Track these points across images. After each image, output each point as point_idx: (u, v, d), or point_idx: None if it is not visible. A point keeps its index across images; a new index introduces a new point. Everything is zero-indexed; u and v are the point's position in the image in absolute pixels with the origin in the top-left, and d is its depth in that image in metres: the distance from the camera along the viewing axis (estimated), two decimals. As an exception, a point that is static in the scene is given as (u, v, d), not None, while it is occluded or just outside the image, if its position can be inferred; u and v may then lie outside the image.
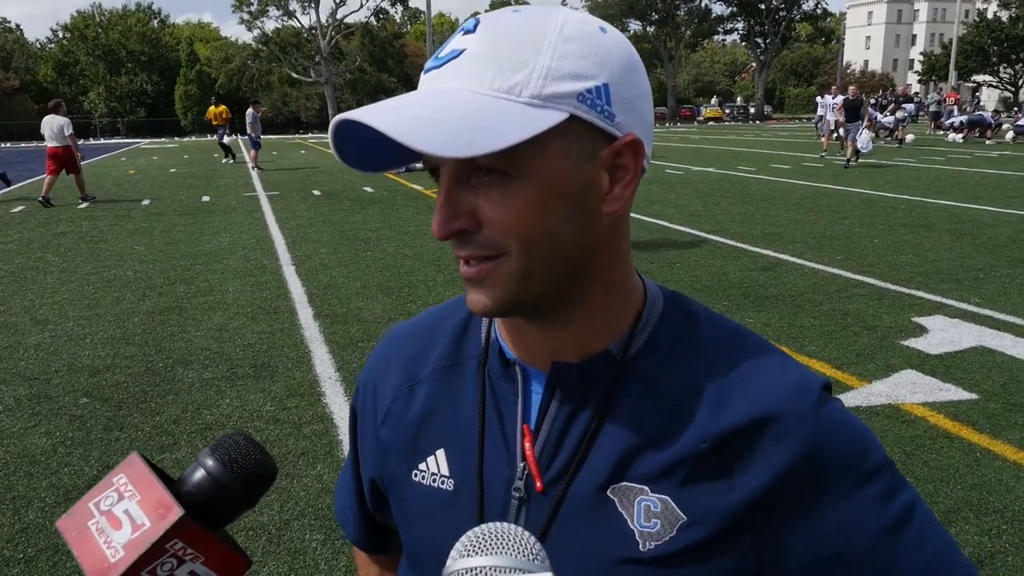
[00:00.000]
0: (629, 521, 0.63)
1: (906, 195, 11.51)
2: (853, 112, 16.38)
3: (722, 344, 0.67)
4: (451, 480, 0.70)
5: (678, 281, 6.49)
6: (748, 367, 0.65)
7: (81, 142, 18.32)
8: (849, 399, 3.93)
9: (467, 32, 0.59)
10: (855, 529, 0.62)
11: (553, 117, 0.56)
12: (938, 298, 5.76)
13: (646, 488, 0.63)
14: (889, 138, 24.15)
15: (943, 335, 4.90)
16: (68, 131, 12.48)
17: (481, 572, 0.49)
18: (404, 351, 0.79)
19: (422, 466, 0.73)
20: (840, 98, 18.49)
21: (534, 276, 0.60)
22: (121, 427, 3.77)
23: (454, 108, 0.55)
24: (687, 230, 8.96)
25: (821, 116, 23.31)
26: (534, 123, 0.55)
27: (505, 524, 0.53)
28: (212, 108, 22.05)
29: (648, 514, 0.63)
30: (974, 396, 3.94)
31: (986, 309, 5.45)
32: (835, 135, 19.05)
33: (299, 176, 17.27)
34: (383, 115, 0.54)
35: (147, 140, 45.59)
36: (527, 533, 0.53)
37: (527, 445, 0.67)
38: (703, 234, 8.66)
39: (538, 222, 0.58)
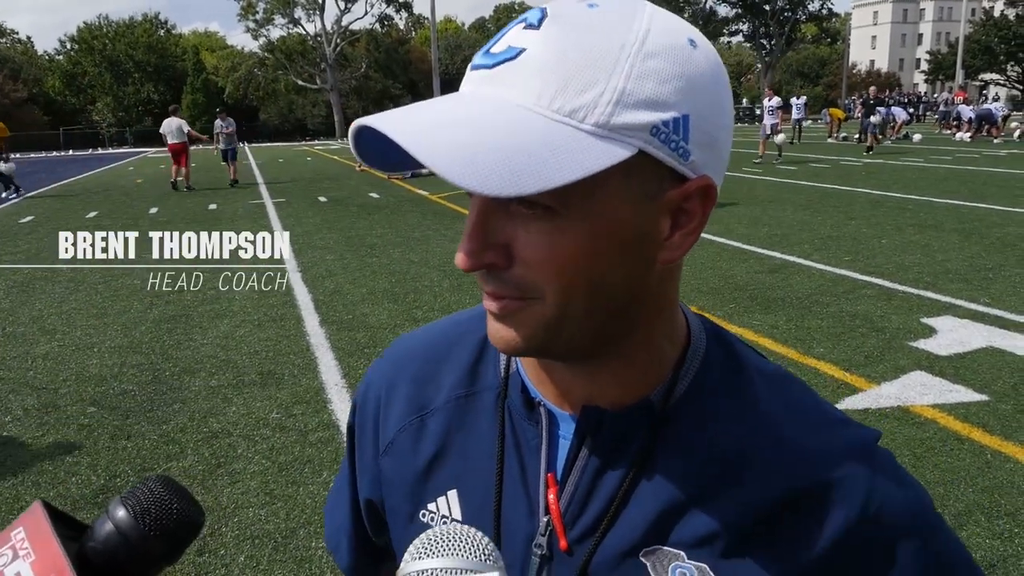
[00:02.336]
0: None
1: (914, 195, 11.45)
2: None
3: (769, 396, 0.61)
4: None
5: (685, 284, 6.45)
6: (800, 425, 0.59)
7: (89, 152, 18.57)
8: (858, 401, 3.91)
9: (529, 26, 0.49)
10: None
11: (617, 153, 0.47)
12: (947, 298, 5.72)
13: (682, 554, 0.57)
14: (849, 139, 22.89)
15: (952, 336, 4.86)
16: (185, 128, 15.58)
17: (433, 574, 0.49)
18: (411, 373, 0.71)
19: (431, 506, 0.67)
20: (776, 100, 18.04)
21: (568, 324, 0.53)
22: (128, 436, 3.78)
23: (502, 130, 0.46)
24: (693, 233, 8.93)
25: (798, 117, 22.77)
26: (594, 159, 0.46)
27: (458, 526, 0.53)
28: None
29: None
30: (984, 397, 3.91)
31: (996, 309, 5.41)
32: (769, 139, 17.83)
33: (305, 183, 17.32)
34: (416, 129, 0.47)
35: (154, 149, 45.58)
36: (480, 534, 0.52)
37: (551, 497, 0.61)
38: (709, 236, 8.63)
39: (582, 268, 0.51)
